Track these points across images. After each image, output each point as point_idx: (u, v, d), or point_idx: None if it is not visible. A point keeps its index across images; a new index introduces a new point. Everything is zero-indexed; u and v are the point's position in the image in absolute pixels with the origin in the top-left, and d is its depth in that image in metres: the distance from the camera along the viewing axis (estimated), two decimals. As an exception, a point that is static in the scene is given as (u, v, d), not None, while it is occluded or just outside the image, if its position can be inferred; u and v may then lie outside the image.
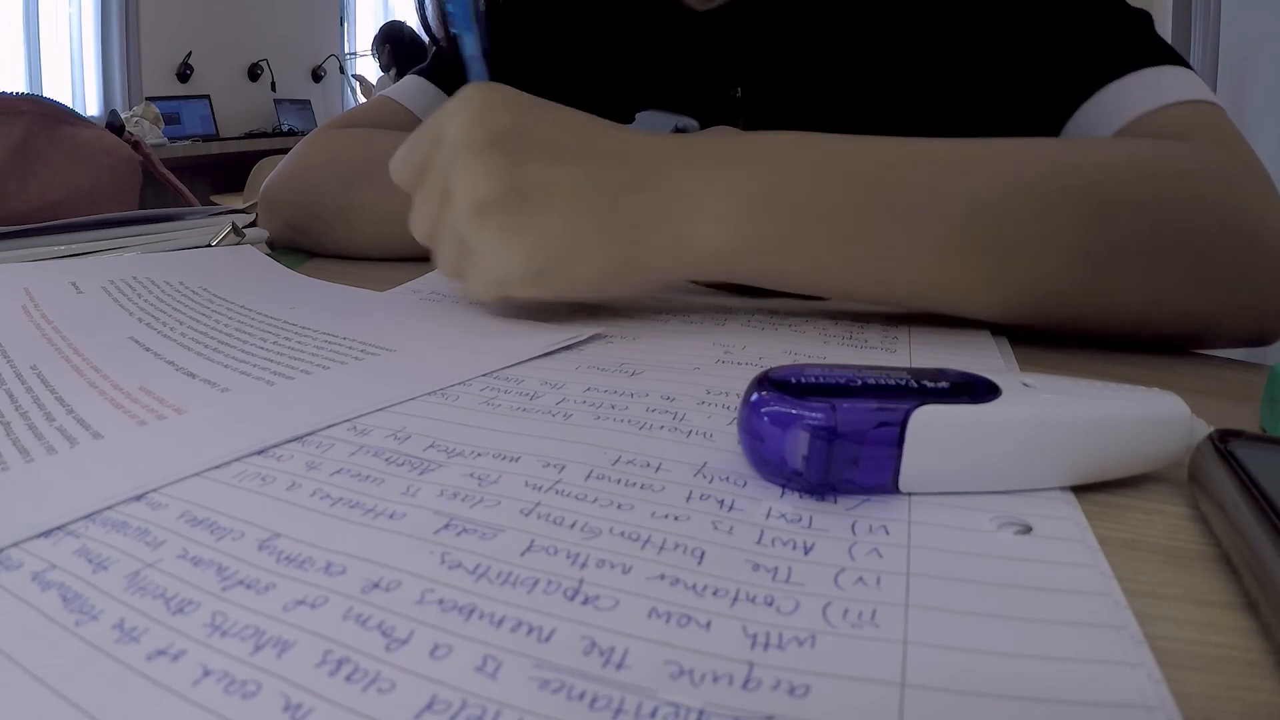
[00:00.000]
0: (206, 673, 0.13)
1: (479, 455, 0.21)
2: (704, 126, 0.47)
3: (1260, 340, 0.34)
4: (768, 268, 0.32)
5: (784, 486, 0.19)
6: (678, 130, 0.47)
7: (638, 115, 0.48)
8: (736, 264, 0.32)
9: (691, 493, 0.19)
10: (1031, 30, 0.46)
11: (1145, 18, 0.44)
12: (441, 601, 0.15)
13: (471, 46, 0.39)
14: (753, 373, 0.22)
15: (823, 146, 0.32)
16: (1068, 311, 0.32)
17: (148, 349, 0.31)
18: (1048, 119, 0.44)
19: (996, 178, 0.31)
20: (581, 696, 0.13)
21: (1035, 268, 0.31)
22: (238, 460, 0.21)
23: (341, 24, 4.44)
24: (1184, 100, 0.39)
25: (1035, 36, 0.45)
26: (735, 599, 0.15)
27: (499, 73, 0.38)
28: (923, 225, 0.31)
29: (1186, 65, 0.42)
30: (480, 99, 0.32)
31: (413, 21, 4.34)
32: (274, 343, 0.31)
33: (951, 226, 0.31)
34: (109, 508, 0.19)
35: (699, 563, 0.16)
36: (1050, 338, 0.33)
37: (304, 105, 4.13)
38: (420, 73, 0.62)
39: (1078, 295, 0.32)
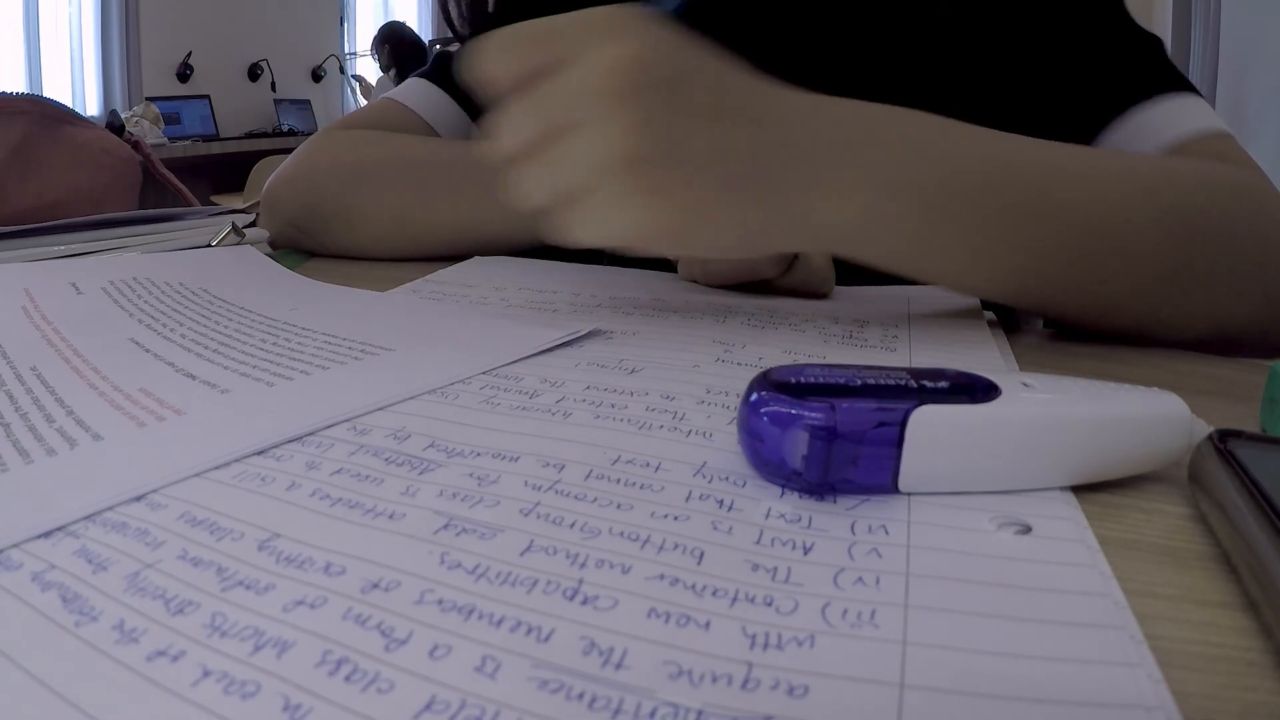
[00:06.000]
0: (206, 673, 0.13)
1: (478, 455, 0.21)
2: None
3: None
4: (892, 253, 0.33)
5: (783, 486, 0.19)
6: None
7: None
8: (864, 247, 0.32)
9: (691, 493, 0.19)
10: (1045, 51, 0.45)
11: (1157, 43, 0.44)
12: (441, 602, 0.15)
13: None
14: (752, 372, 0.22)
15: (957, 137, 0.33)
16: (1126, 321, 0.34)
17: (147, 350, 0.31)
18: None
19: (1109, 189, 0.33)
20: (580, 697, 0.13)
21: (1125, 278, 0.33)
22: (237, 460, 0.21)
23: (341, 24, 4.44)
24: (1210, 129, 0.41)
25: (1049, 58, 0.45)
26: (734, 599, 0.15)
27: None
28: (1035, 230, 0.32)
29: (1198, 92, 0.43)
30: (628, 32, 0.29)
31: (412, 22, 4.34)
32: (273, 343, 0.31)
33: (1059, 232, 0.32)
34: (109, 508, 0.19)
35: (698, 563, 0.16)
36: (1051, 337, 0.33)
37: (304, 105, 4.13)
38: (422, 75, 0.62)
39: (1146, 307, 0.34)
